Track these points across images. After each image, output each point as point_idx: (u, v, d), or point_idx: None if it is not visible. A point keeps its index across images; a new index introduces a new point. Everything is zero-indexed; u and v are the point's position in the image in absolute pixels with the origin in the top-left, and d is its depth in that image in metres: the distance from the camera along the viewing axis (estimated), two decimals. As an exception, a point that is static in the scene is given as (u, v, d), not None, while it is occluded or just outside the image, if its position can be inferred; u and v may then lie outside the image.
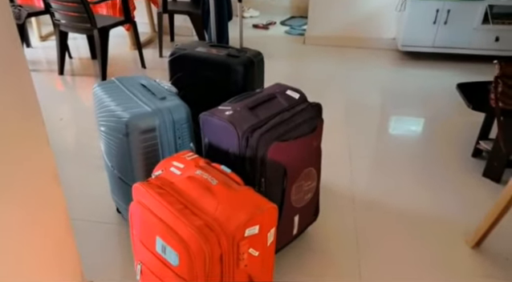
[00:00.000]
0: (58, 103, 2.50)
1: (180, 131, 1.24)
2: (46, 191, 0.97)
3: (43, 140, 0.94)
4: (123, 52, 3.32)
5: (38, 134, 0.92)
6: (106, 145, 1.34)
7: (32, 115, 0.90)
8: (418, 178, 1.83)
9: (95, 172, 1.82)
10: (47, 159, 0.96)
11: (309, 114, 1.26)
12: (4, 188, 0.83)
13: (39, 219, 0.95)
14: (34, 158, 0.91)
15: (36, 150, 0.92)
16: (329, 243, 1.46)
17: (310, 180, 1.30)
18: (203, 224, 0.89)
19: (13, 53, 0.81)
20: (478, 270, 1.35)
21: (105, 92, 1.29)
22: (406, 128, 2.29)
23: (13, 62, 0.82)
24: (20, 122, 0.86)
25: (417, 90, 2.74)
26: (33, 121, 0.90)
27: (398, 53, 3.34)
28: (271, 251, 1.02)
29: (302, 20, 4.22)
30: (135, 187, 1.01)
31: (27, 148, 0.89)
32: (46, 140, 0.95)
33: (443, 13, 2.96)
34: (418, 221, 1.57)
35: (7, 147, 0.82)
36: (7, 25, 0.79)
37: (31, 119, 0.89)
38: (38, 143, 0.92)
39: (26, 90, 0.87)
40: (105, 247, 1.44)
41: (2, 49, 0.79)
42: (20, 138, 0.86)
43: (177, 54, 1.62)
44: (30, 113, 0.89)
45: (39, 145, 0.93)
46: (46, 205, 0.97)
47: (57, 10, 2.58)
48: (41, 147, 0.93)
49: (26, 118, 0.88)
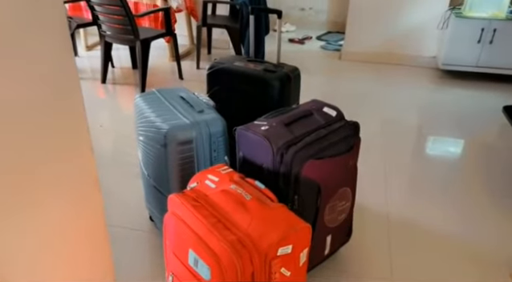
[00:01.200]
0: (99, 110, 2.60)
1: (215, 144, 1.25)
2: (87, 196, 1.01)
3: (87, 147, 0.98)
4: (162, 63, 3.42)
5: (82, 140, 0.96)
6: (144, 154, 1.37)
7: (78, 122, 0.94)
8: (457, 202, 1.75)
9: (131, 180, 1.87)
10: (90, 165, 1.00)
11: (346, 132, 1.24)
12: (48, 191, 0.86)
13: (79, 222, 0.99)
14: (77, 163, 0.95)
15: (80, 155, 0.95)
16: (361, 265, 1.41)
17: (345, 200, 1.27)
18: (236, 240, 0.88)
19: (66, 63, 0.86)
20: (523, 306, 1.26)
21: (146, 103, 1.33)
22: (445, 150, 2.20)
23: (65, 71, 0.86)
24: (67, 129, 0.90)
25: (458, 110, 2.64)
26: (79, 128, 0.94)
27: (438, 71, 3.24)
28: (303, 272, 1.00)
29: (339, 35, 4.20)
30: (170, 198, 1.02)
31: (72, 153, 0.92)
32: (89, 147, 0.98)
33: (489, 32, 2.86)
34: (456, 247, 1.49)
35: (53, 151, 0.86)
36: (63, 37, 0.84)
37: (78, 126, 0.93)
38: (82, 149, 0.96)
39: (75, 99, 0.91)
40: (136, 253, 1.46)
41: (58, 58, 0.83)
42: (65, 144, 0.90)
43: (216, 67, 1.65)
44: (77, 120, 0.93)
45: (83, 151, 0.96)
46: (86, 210, 1.01)
47: (104, 22, 2.71)
48: (84, 153, 0.97)
49: (73, 125, 0.92)
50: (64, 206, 0.92)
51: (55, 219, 0.90)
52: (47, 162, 0.85)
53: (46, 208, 0.87)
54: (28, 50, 0.76)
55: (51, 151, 0.86)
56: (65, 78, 0.87)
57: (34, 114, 0.80)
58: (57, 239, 0.92)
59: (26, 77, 0.77)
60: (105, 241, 1.13)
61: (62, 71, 0.86)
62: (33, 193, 0.82)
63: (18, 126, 0.77)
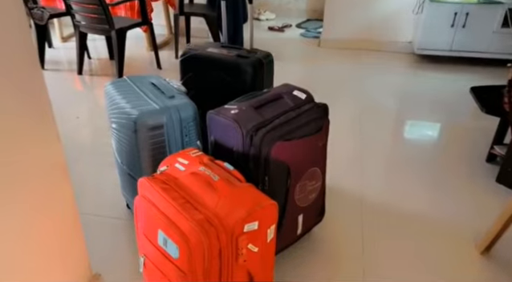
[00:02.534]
0: (76, 102, 2.57)
1: (187, 129, 1.26)
2: (56, 185, 1.01)
3: (54, 136, 0.98)
4: (140, 53, 3.39)
5: (48, 130, 0.96)
6: (116, 142, 1.38)
7: (43, 113, 0.93)
8: (430, 182, 1.81)
9: (108, 169, 1.87)
10: (57, 154, 1.00)
11: (315, 114, 1.27)
12: (14, 181, 0.87)
13: (48, 212, 0.99)
14: (44, 152, 0.95)
15: (46, 145, 0.96)
16: (334, 245, 1.45)
17: (315, 180, 1.30)
18: (203, 219, 0.90)
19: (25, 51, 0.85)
20: (486, 275, 1.33)
21: (116, 90, 1.34)
22: (420, 132, 2.26)
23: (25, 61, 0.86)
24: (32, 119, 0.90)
25: (432, 94, 2.70)
26: (44, 118, 0.94)
27: (414, 56, 3.30)
28: (271, 249, 1.03)
29: (318, 23, 4.22)
30: (140, 181, 1.04)
31: (38, 143, 0.93)
32: (56, 136, 0.98)
33: (461, 16, 2.91)
34: (427, 225, 1.55)
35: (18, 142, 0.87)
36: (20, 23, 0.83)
37: (42, 116, 0.93)
38: (49, 138, 0.96)
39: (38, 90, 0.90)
40: (114, 241, 1.47)
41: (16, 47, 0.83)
42: (31, 134, 0.90)
43: (189, 54, 1.66)
44: (41, 111, 0.93)
45: (50, 140, 0.97)
46: (54, 199, 1.01)
47: (77, 12, 2.67)
48: (51, 141, 0.97)
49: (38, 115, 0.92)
50: (33, 196, 0.93)
51: (24, 209, 0.91)
52: (13, 152, 0.85)
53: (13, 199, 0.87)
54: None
55: (16, 142, 0.86)
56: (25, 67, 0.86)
57: None
58: (27, 229, 0.92)
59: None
60: (77, 230, 1.13)
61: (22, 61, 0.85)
62: None
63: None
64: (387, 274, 1.34)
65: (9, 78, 0.82)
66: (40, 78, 0.91)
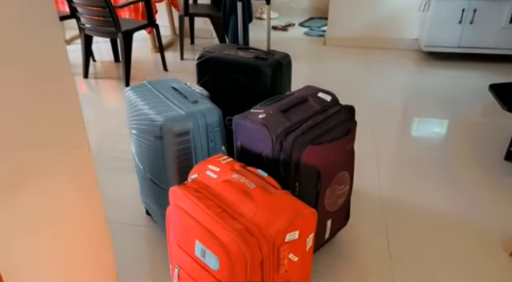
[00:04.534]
0: (84, 106, 2.51)
1: (212, 135, 1.23)
2: (87, 193, 0.99)
3: (85, 146, 0.95)
4: (144, 55, 3.35)
5: (80, 139, 0.93)
6: (137, 148, 1.35)
7: (75, 121, 0.91)
8: (449, 181, 1.79)
9: (122, 174, 1.84)
10: (88, 161, 0.97)
11: (342, 116, 1.25)
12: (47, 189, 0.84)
13: (81, 221, 0.97)
14: (75, 160, 0.92)
15: (78, 152, 0.93)
16: (360, 248, 1.43)
17: (344, 184, 1.28)
18: (243, 228, 0.88)
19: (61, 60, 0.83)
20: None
21: (137, 95, 1.30)
22: (432, 130, 2.24)
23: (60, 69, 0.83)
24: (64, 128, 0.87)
25: (442, 91, 2.69)
26: (75, 124, 0.91)
27: (421, 53, 3.28)
28: (309, 257, 1.00)
29: (321, 21, 4.20)
30: (172, 190, 1.01)
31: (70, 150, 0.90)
32: (86, 142, 0.96)
33: (469, 12, 2.90)
34: (451, 225, 1.53)
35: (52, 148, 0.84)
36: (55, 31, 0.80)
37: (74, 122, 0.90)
38: (81, 149, 0.93)
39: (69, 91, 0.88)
40: (135, 249, 1.44)
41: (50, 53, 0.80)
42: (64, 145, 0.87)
43: (205, 57, 1.62)
44: (73, 116, 0.90)
45: (81, 147, 0.94)
46: (86, 207, 0.98)
47: (83, 15, 2.62)
48: (82, 149, 0.94)
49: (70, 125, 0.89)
50: (65, 204, 0.90)
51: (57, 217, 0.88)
52: (47, 159, 0.82)
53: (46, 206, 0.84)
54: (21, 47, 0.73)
55: (50, 148, 0.83)
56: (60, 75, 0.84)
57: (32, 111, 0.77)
58: (59, 237, 0.90)
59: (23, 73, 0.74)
60: (107, 238, 1.11)
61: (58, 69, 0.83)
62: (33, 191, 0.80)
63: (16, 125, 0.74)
64: (415, 275, 1.32)
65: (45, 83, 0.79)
66: (72, 83, 0.88)
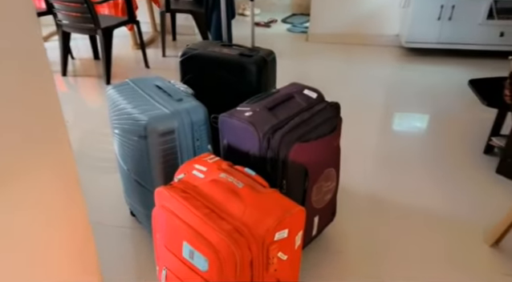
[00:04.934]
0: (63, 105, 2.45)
1: (198, 133, 1.22)
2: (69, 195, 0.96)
3: (66, 144, 0.92)
4: (125, 52, 3.28)
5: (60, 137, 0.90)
6: (121, 148, 1.32)
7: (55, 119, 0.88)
8: (430, 175, 1.82)
9: (105, 175, 1.80)
10: (69, 162, 0.94)
11: (328, 113, 1.25)
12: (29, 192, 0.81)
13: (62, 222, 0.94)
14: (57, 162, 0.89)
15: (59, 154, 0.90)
16: (347, 244, 1.44)
17: (330, 181, 1.28)
18: (232, 229, 0.87)
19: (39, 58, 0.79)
20: (498, 268, 1.35)
21: (120, 94, 1.27)
22: (414, 125, 2.28)
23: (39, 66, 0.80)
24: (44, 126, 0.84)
25: (423, 86, 2.74)
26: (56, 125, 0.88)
27: (402, 49, 3.33)
28: (298, 255, 1.00)
29: (304, 17, 4.20)
30: (158, 191, 0.99)
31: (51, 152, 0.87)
32: (68, 144, 0.93)
33: (447, 9, 2.95)
34: (434, 219, 1.56)
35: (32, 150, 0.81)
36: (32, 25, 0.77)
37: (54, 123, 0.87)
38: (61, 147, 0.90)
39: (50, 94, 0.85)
40: (120, 251, 1.42)
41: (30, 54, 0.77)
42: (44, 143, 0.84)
43: (189, 54, 1.60)
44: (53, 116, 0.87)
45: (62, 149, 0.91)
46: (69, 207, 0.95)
47: (60, 11, 2.54)
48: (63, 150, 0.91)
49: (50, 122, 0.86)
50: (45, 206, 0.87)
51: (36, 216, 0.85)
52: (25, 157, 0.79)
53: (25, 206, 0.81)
54: None
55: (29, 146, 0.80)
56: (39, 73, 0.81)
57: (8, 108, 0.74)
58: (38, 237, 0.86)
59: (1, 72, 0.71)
60: (90, 239, 1.08)
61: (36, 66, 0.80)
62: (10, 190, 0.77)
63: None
64: (401, 268, 1.34)
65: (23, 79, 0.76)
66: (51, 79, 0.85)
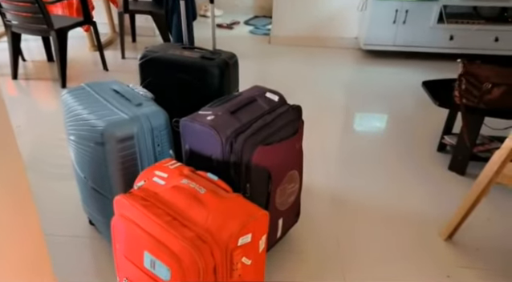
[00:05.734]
0: (14, 110, 2.33)
1: (159, 138, 1.19)
2: (19, 206, 0.90)
3: (15, 151, 0.86)
4: (82, 54, 3.15)
5: (8, 145, 0.84)
6: (77, 155, 1.26)
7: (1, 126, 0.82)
8: (388, 173, 1.89)
9: (60, 182, 1.72)
10: (19, 169, 0.88)
11: (290, 116, 1.26)
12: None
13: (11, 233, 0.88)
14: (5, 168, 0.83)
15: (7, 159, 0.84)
16: (311, 244, 1.46)
17: (294, 182, 1.30)
18: (194, 236, 0.85)
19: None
20: (453, 261, 1.42)
21: (75, 99, 1.22)
22: (372, 125, 2.35)
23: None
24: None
25: (381, 87, 2.84)
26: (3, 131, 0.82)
27: (361, 52, 3.43)
28: (263, 258, 1.00)
29: (266, 20, 4.23)
30: (117, 199, 0.95)
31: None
32: (16, 149, 0.87)
33: (402, 13, 3.08)
34: (392, 216, 1.62)
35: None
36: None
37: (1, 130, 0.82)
38: (10, 155, 0.85)
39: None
40: (79, 261, 1.35)
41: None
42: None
43: (148, 56, 1.56)
44: None
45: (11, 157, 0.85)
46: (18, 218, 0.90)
47: (8, 11, 2.40)
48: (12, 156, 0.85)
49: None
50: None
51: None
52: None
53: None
54: None
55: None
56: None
57: None
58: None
59: None
60: (43, 252, 1.02)
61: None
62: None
63: None
64: (362, 267, 1.37)
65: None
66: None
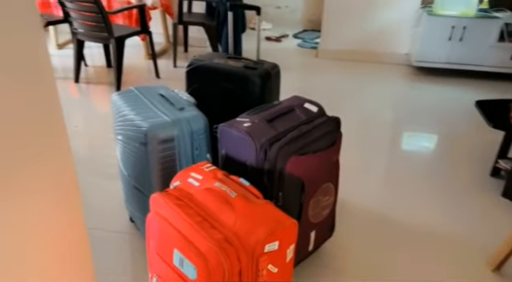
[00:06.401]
0: (74, 111, 2.52)
1: (197, 142, 1.23)
2: (66, 197, 0.97)
3: (65, 148, 0.93)
4: (137, 62, 3.35)
5: (60, 142, 0.92)
6: (123, 154, 1.34)
7: (55, 123, 0.90)
8: (434, 196, 1.80)
9: (108, 180, 1.82)
10: (68, 165, 0.96)
11: (328, 127, 1.25)
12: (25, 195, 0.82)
13: (57, 226, 0.95)
14: (55, 164, 0.91)
15: (58, 156, 0.91)
16: (345, 261, 1.42)
17: (328, 195, 1.28)
18: (222, 238, 0.87)
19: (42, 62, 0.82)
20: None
21: (124, 101, 1.30)
22: (420, 144, 2.26)
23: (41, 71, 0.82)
24: (44, 129, 0.86)
25: (431, 106, 2.72)
26: (56, 128, 0.90)
27: (411, 68, 3.33)
28: (290, 268, 0.99)
29: (315, 33, 4.24)
30: (153, 197, 1.00)
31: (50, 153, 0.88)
32: (68, 147, 0.94)
33: (458, 29, 2.95)
34: (435, 240, 1.53)
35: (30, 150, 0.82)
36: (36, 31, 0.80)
37: (54, 127, 0.89)
38: (61, 151, 0.92)
39: (51, 98, 0.87)
40: (117, 256, 1.42)
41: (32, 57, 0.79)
42: (43, 145, 0.86)
43: (195, 64, 1.63)
44: (53, 120, 0.89)
45: (61, 151, 0.92)
46: (65, 212, 0.96)
47: (75, 20, 2.62)
48: (63, 153, 0.93)
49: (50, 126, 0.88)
50: (42, 208, 0.88)
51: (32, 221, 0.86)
52: (24, 161, 0.81)
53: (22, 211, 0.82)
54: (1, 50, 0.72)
55: (28, 151, 0.82)
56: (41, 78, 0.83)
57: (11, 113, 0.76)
58: (34, 243, 0.87)
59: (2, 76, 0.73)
60: (85, 245, 1.08)
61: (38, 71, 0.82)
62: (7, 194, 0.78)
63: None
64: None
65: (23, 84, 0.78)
66: (53, 85, 0.87)
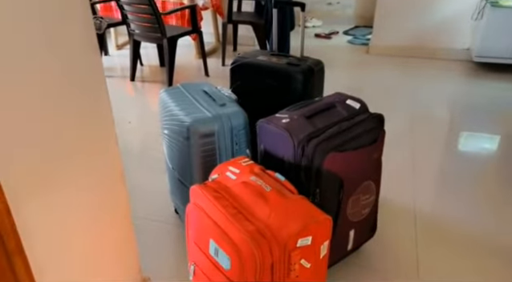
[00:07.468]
0: (128, 107, 2.68)
1: (237, 137, 1.26)
2: (113, 188, 1.04)
3: (112, 140, 1.01)
4: (188, 60, 3.48)
5: (108, 134, 0.99)
6: (168, 147, 1.40)
7: (104, 117, 0.97)
8: (488, 200, 1.67)
9: (157, 174, 1.91)
10: (115, 158, 1.03)
11: (370, 124, 1.22)
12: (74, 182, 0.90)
13: (104, 215, 1.02)
14: (103, 156, 0.98)
15: (106, 148, 0.98)
16: (386, 262, 1.38)
17: (369, 194, 1.24)
18: (255, 230, 0.89)
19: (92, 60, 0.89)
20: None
21: (170, 97, 1.36)
22: (479, 145, 2.11)
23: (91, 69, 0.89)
24: (93, 122, 0.93)
25: (492, 104, 2.52)
26: (104, 122, 0.97)
27: (471, 64, 3.11)
28: (324, 265, 0.99)
29: (366, 30, 4.12)
30: (192, 189, 1.04)
31: (98, 146, 0.96)
32: (115, 141, 1.01)
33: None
34: (483, 246, 1.43)
35: (80, 143, 0.90)
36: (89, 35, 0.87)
37: (103, 120, 0.96)
38: (108, 143, 0.99)
39: (100, 94, 0.94)
40: (161, 245, 1.50)
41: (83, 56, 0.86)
42: (91, 137, 0.93)
43: (239, 62, 1.66)
44: (102, 114, 0.96)
45: (109, 144, 0.99)
46: (111, 201, 1.04)
47: (132, 21, 2.78)
48: (110, 146, 1.00)
49: (99, 119, 0.95)
50: (90, 197, 0.96)
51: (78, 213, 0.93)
52: (75, 153, 0.88)
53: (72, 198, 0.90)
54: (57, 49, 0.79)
55: (79, 143, 0.89)
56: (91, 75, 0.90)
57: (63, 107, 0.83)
58: (82, 229, 0.95)
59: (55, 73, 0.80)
60: (130, 232, 1.16)
61: (89, 68, 0.89)
62: (59, 183, 0.86)
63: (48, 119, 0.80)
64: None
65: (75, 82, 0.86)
66: (103, 83, 0.94)
